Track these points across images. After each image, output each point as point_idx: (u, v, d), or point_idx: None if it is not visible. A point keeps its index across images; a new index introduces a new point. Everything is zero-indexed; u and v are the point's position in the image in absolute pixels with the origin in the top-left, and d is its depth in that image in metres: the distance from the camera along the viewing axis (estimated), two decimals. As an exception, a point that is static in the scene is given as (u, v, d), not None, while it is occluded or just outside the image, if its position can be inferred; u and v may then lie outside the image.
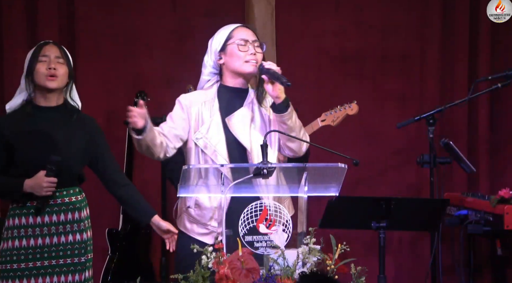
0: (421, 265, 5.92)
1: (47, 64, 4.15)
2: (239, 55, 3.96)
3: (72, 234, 4.17)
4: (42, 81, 4.14)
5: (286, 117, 3.87)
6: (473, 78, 5.90)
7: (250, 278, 3.37)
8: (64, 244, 4.15)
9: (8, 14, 5.73)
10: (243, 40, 3.97)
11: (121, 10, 5.92)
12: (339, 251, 3.54)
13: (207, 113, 3.97)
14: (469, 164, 5.30)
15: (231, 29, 4.01)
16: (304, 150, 3.99)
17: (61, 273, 4.14)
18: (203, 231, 3.95)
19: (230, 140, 3.93)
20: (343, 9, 6.08)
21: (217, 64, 4.03)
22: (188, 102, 3.99)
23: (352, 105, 5.06)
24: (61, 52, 4.20)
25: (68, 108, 4.24)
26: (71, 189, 4.20)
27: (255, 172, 3.56)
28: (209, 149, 3.92)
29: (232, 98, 4.00)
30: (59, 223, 4.15)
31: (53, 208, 4.14)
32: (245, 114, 3.97)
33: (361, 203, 4.28)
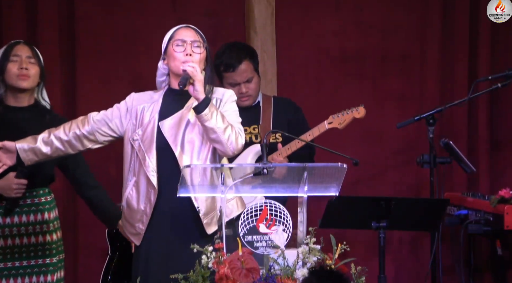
0: (421, 265, 5.91)
1: (18, 64, 4.12)
2: (175, 56, 3.94)
3: (42, 235, 4.15)
4: (14, 81, 4.12)
5: (203, 119, 3.80)
6: (473, 78, 5.90)
7: (250, 278, 3.37)
8: (34, 245, 4.13)
9: (8, 14, 5.72)
10: (180, 41, 3.96)
11: (121, 10, 5.92)
12: (339, 251, 3.54)
13: (148, 115, 3.95)
14: (469, 164, 5.30)
15: (173, 30, 4.03)
16: (231, 151, 3.85)
17: (33, 274, 4.12)
18: (132, 231, 3.95)
19: (161, 146, 3.90)
20: (343, 9, 6.08)
21: (164, 66, 4.03)
22: (131, 102, 3.99)
23: (359, 108, 5.06)
24: (32, 52, 4.18)
25: (39, 108, 4.21)
26: (41, 189, 4.18)
27: (255, 171, 3.56)
28: (141, 152, 3.90)
29: (175, 101, 3.97)
30: (28, 224, 4.13)
31: (23, 209, 4.12)
32: (181, 118, 3.92)
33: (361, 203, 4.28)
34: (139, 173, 3.88)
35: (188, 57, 3.92)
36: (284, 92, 5.88)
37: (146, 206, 3.88)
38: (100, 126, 3.97)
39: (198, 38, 3.99)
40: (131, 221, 3.94)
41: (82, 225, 5.81)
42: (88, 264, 5.83)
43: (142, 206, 3.89)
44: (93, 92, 5.83)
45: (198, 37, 3.99)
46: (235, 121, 3.91)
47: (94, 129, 3.96)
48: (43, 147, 3.89)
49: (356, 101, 5.54)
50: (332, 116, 5.03)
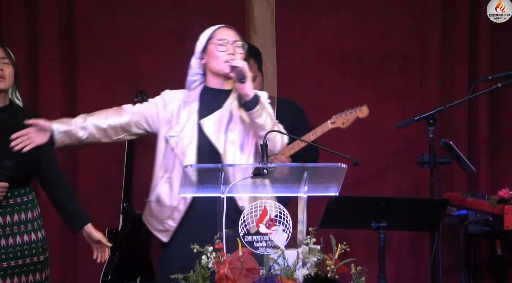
0: (421, 265, 5.91)
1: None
2: (217, 55, 3.96)
3: (27, 234, 4.15)
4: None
5: (254, 115, 3.85)
6: (473, 78, 5.90)
7: (250, 278, 3.37)
8: (21, 245, 4.13)
9: (8, 14, 5.72)
10: (222, 40, 3.97)
11: (121, 10, 5.92)
12: (339, 251, 3.54)
13: (185, 113, 3.97)
14: (469, 164, 5.30)
15: (213, 30, 4.03)
16: (277, 149, 3.95)
17: (21, 274, 4.12)
18: (160, 228, 3.97)
19: (203, 144, 3.92)
20: (343, 9, 6.08)
21: (200, 65, 4.04)
22: (168, 99, 4.03)
23: (362, 108, 5.06)
24: (6, 53, 4.17)
25: (14, 108, 4.20)
26: (23, 189, 4.17)
27: (255, 171, 3.56)
28: (179, 148, 3.92)
29: (212, 100, 3.99)
30: (13, 224, 4.12)
31: (7, 209, 4.11)
32: (222, 117, 3.95)
33: (361, 203, 4.28)
34: (174, 169, 3.90)
35: (231, 56, 3.94)
36: (284, 92, 5.88)
37: (180, 203, 3.90)
38: (137, 119, 3.99)
39: (239, 38, 4.01)
40: (160, 217, 3.96)
41: (82, 225, 5.81)
42: (88, 264, 5.82)
43: (175, 203, 3.90)
44: (93, 92, 5.83)
45: (238, 37, 4.01)
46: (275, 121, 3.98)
47: (132, 121, 3.99)
48: (79, 131, 3.89)
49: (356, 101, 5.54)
50: (335, 116, 5.04)
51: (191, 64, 4.09)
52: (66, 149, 5.68)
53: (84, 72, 5.83)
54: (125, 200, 5.67)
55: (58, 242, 5.58)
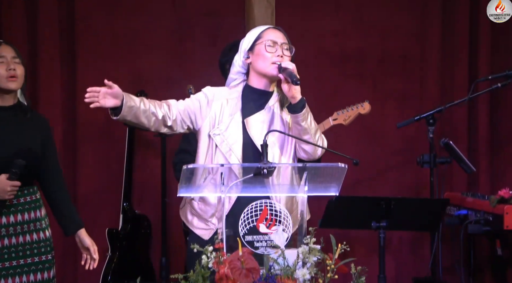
0: (421, 265, 5.92)
1: (5, 65, 4.12)
2: (266, 56, 3.92)
3: (35, 233, 4.16)
4: (3, 82, 4.11)
5: (300, 118, 3.84)
6: (473, 78, 5.90)
7: (250, 278, 3.37)
8: (29, 243, 4.14)
9: (8, 14, 5.73)
10: (271, 41, 3.93)
11: (121, 10, 5.92)
12: (339, 251, 3.54)
13: (228, 111, 3.95)
14: (469, 164, 5.30)
15: (262, 30, 3.99)
16: (319, 154, 3.94)
17: (29, 272, 4.13)
18: (202, 226, 3.95)
19: (247, 142, 3.91)
20: (343, 9, 6.08)
21: (245, 64, 4.01)
22: (211, 96, 3.97)
23: (364, 104, 5.06)
24: (16, 52, 4.18)
25: (22, 107, 4.22)
26: (31, 188, 4.19)
27: (255, 171, 3.56)
28: (224, 147, 3.90)
29: (255, 100, 3.97)
30: (21, 223, 4.13)
31: (17, 208, 4.12)
32: (263, 117, 3.94)
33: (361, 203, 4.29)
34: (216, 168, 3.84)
35: (279, 58, 3.91)
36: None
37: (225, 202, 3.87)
38: (183, 116, 3.94)
39: (287, 41, 3.98)
40: (204, 216, 3.94)
41: (82, 225, 5.81)
42: (88, 264, 5.83)
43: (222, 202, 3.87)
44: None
45: (286, 40, 3.98)
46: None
47: (178, 118, 3.93)
48: (141, 114, 3.84)
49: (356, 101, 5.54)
50: (337, 112, 5.04)
51: (233, 62, 4.05)
52: (66, 149, 5.70)
53: (84, 72, 5.83)
54: (125, 200, 5.68)
55: (58, 242, 5.57)
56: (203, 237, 3.94)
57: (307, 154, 3.92)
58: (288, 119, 3.95)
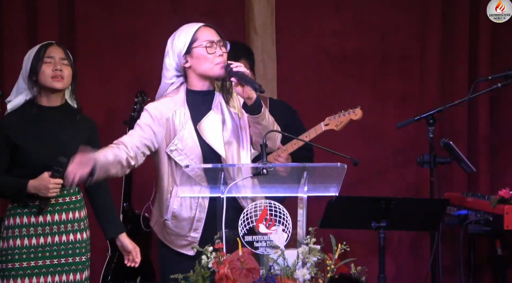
0: (421, 265, 5.91)
1: (53, 65, 4.18)
2: (208, 58, 3.85)
3: (72, 233, 4.20)
4: (49, 82, 4.18)
5: (259, 118, 3.80)
6: (473, 78, 5.90)
7: (250, 278, 3.37)
8: (64, 243, 4.18)
9: (8, 14, 5.73)
10: (209, 42, 3.86)
11: (121, 10, 5.92)
12: (339, 251, 3.54)
13: (178, 121, 3.87)
14: (469, 164, 5.30)
15: (194, 30, 3.89)
16: (278, 144, 3.93)
17: (62, 272, 4.16)
18: (183, 243, 3.90)
19: (205, 148, 3.85)
20: (343, 9, 6.08)
21: (180, 67, 3.94)
22: (158, 113, 3.87)
23: (356, 110, 5.05)
24: (65, 54, 4.25)
25: (70, 109, 4.27)
26: (71, 188, 4.21)
27: (254, 172, 3.56)
28: (183, 161, 3.82)
29: (200, 103, 3.90)
30: (59, 222, 4.17)
31: (54, 208, 4.16)
32: (214, 118, 3.88)
33: (361, 203, 4.29)
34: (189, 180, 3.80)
35: (221, 58, 3.86)
36: (284, 93, 5.89)
37: (201, 212, 3.85)
38: (142, 150, 3.86)
39: (221, 37, 3.93)
40: (181, 232, 3.88)
41: (82, 225, 5.81)
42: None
43: (193, 213, 3.84)
44: (93, 92, 5.83)
45: (220, 36, 3.92)
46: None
47: (138, 153, 3.85)
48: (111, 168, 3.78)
49: (356, 101, 5.54)
50: (329, 118, 5.03)
51: (166, 66, 3.97)
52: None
53: (84, 72, 5.82)
54: (125, 200, 5.67)
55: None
56: (189, 253, 3.87)
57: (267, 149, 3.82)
58: (239, 113, 3.89)
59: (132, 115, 5.51)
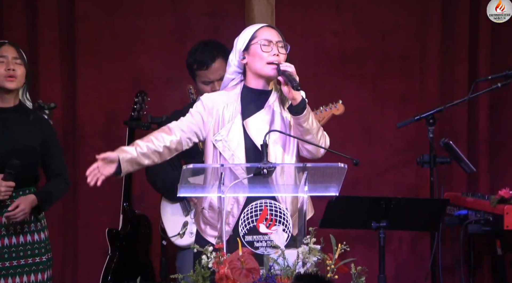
0: (421, 265, 5.91)
1: (5, 65, 4.14)
2: (262, 56, 3.89)
3: (30, 234, 4.17)
4: (1, 82, 4.14)
5: (301, 120, 3.81)
6: (473, 78, 5.90)
7: (250, 278, 3.37)
8: (24, 244, 4.15)
9: (8, 14, 5.73)
10: (266, 40, 3.90)
11: (121, 10, 5.92)
12: (339, 251, 3.54)
13: (228, 115, 3.91)
14: (469, 163, 5.30)
15: (256, 29, 3.96)
16: (322, 152, 3.91)
17: (23, 273, 4.14)
18: (214, 233, 3.90)
19: (249, 144, 3.87)
20: (343, 9, 6.08)
21: (241, 64, 3.98)
22: (210, 104, 3.93)
23: (338, 105, 5.04)
24: (18, 53, 4.20)
25: (23, 109, 4.23)
26: (27, 189, 4.19)
27: (255, 171, 3.56)
28: (227, 152, 3.87)
29: (253, 101, 3.93)
30: (17, 223, 4.14)
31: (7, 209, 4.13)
32: (263, 117, 3.91)
33: (361, 203, 4.28)
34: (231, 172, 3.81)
35: (276, 57, 3.88)
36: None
37: (233, 207, 3.85)
38: (188, 135, 3.90)
39: (282, 39, 3.95)
40: (214, 223, 3.89)
41: (82, 225, 5.81)
42: (88, 264, 5.83)
43: (229, 208, 3.84)
44: (93, 92, 5.83)
45: (281, 38, 3.96)
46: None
47: (183, 140, 3.90)
48: (142, 158, 3.84)
49: (356, 101, 5.55)
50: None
51: (229, 62, 4.02)
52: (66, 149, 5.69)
53: (84, 72, 5.83)
54: (125, 200, 5.67)
55: (58, 242, 5.58)
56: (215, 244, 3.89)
57: (310, 153, 3.90)
58: (289, 117, 3.92)
59: (132, 115, 5.51)
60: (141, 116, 5.51)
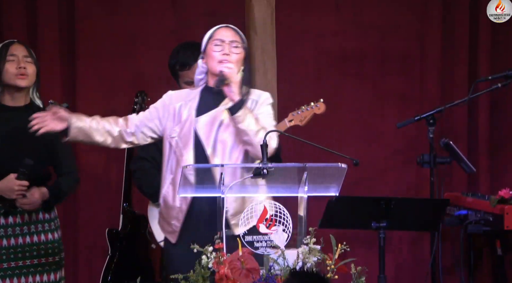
0: (421, 265, 5.91)
1: (16, 63, 4.16)
2: (213, 56, 3.94)
3: (44, 234, 4.18)
4: (12, 80, 4.15)
5: (237, 120, 3.82)
6: (473, 78, 5.90)
7: (250, 278, 3.37)
8: (37, 244, 4.16)
9: (8, 14, 5.73)
10: (219, 40, 3.95)
11: (121, 10, 5.92)
12: (339, 251, 3.54)
13: (186, 112, 3.96)
14: (469, 164, 5.30)
15: (214, 29, 4.02)
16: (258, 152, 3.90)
17: (36, 273, 4.15)
18: (168, 229, 3.98)
19: (198, 142, 3.91)
20: (343, 9, 6.08)
21: (203, 64, 4.02)
22: (168, 100, 4.01)
23: (319, 104, 5.05)
24: (28, 52, 4.22)
25: (34, 108, 4.23)
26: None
27: (255, 172, 3.56)
28: (178, 149, 3.91)
29: (210, 100, 3.97)
30: (30, 223, 4.15)
31: (21, 209, 4.13)
32: (215, 116, 3.93)
33: (361, 203, 4.28)
34: (177, 170, 3.88)
35: (226, 57, 3.91)
36: (284, 92, 5.88)
37: (182, 203, 3.89)
38: (142, 129, 3.98)
39: (237, 38, 3.98)
40: (167, 219, 3.96)
41: (82, 225, 5.81)
42: (88, 264, 5.83)
43: (178, 203, 3.90)
44: (93, 92, 5.83)
45: (237, 38, 3.99)
46: (269, 124, 3.93)
47: (138, 131, 3.97)
48: (94, 133, 3.89)
49: (356, 101, 5.54)
50: (292, 113, 5.04)
51: (198, 63, 4.07)
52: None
53: (84, 72, 5.83)
54: (125, 200, 5.67)
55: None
56: (171, 240, 3.96)
57: (251, 153, 3.90)
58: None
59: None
60: (141, 116, 5.51)
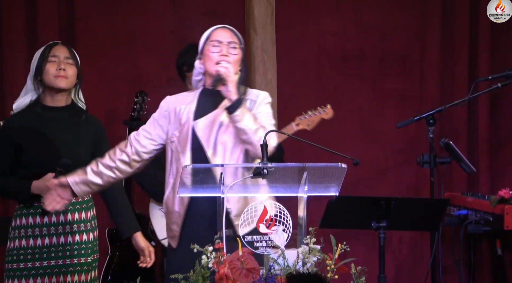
0: (421, 265, 5.92)
1: (56, 64, 4.19)
2: (210, 56, 3.90)
3: (79, 234, 4.19)
4: (52, 81, 4.18)
5: (235, 119, 3.80)
6: (473, 78, 5.90)
7: (250, 278, 3.37)
8: (71, 244, 4.16)
9: (8, 14, 5.73)
10: (216, 41, 3.91)
11: (121, 10, 5.92)
12: (339, 251, 3.54)
13: (184, 116, 3.92)
14: (469, 164, 5.30)
15: (211, 30, 3.98)
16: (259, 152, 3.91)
17: (67, 273, 4.15)
18: (170, 234, 3.96)
19: (196, 146, 3.88)
20: (343, 9, 6.08)
21: (200, 65, 3.99)
22: (165, 106, 3.98)
23: (327, 109, 5.05)
24: (70, 53, 4.25)
25: (75, 109, 4.27)
26: None
27: (255, 171, 3.56)
28: (175, 153, 3.89)
29: (209, 101, 3.94)
30: (66, 223, 4.16)
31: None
32: (215, 118, 3.90)
33: (361, 203, 4.28)
34: (177, 174, 3.85)
35: (223, 57, 3.89)
36: (284, 92, 5.89)
37: (181, 208, 3.87)
38: (145, 145, 3.94)
39: (235, 39, 3.95)
40: (169, 223, 3.94)
41: (82, 225, 5.81)
42: (88, 264, 5.82)
43: (177, 208, 3.87)
44: (93, 92, 5.82)
45: (235, 39, 3.95)
46: (268, 123, 3.91)
47: (139, 150, 3.94)
48: (94, 178, 3.89)
49: (356, 101, 5.54)
50: (300, 117, 5.03)
51: (195, 64, 4.04)
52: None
53: (84, 72, 5.81)
54: (125, 200, 5.67)
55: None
56: (172, 245, 3.94)
57: (251, 153, 3.87)
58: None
59: (132, 115, 5.51)
60: (141, 116, 5.51)
